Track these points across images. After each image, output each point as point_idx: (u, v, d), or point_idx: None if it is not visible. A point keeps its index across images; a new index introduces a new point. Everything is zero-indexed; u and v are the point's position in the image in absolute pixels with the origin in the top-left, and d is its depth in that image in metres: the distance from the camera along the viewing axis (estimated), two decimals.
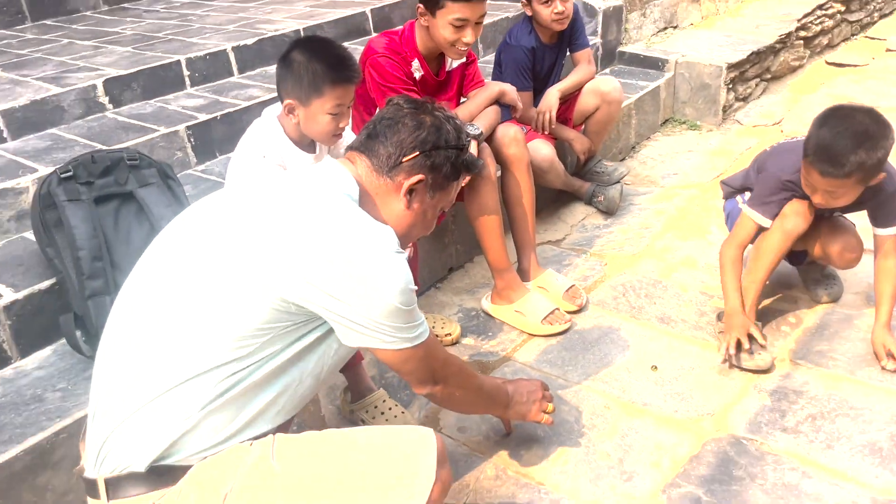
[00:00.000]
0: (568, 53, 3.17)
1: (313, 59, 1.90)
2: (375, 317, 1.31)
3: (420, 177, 1.46)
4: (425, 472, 1.31)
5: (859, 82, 4.49)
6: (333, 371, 1.53)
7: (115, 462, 1.31)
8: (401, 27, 2.51)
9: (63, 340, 2.10)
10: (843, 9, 5.22)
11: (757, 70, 4.30)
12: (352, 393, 2.12)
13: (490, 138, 2.52)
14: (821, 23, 4.96)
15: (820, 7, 4.96)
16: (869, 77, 4.57)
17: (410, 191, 1.47)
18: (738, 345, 2.18)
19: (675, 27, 4.69)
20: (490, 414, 1.87)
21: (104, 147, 2.53)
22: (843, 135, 1.90)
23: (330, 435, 1.41)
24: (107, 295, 2.00)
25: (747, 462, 1.88)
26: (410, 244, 1.94)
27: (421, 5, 2.36)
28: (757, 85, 4.38)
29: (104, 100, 2.92)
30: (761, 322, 2.39)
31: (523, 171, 2.57)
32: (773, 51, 4.41)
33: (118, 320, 1.39)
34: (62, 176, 2.07)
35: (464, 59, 2.58)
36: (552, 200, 3.33)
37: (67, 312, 2.02)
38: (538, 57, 3.03)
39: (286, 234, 1.31)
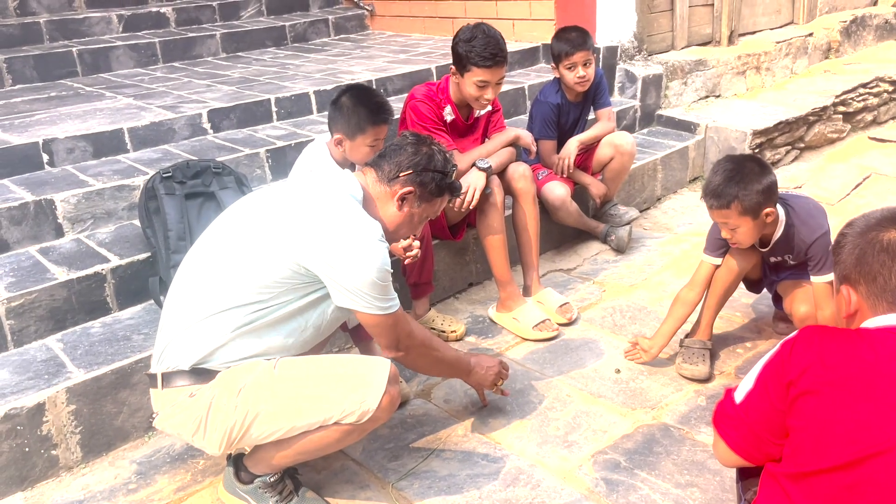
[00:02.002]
0: (592, 111, 3.65)
1: (359, 105, 2.49)
2: (358, 285, 1.81)
3: (411, 188, 1.97)
4: (378, 385, 1.80)
5: (890, 155, 4.73)
6: (330, 328, 2.04)
7: (170, 362, 1.86)
8: (440, 79, 3.08)
9: (151, 301, 2.71)
10: (891, 89, 5.45)
11: (787, 138, 4.62)
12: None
13: (503, 173, 3.02)
14: (864, 100, 5.21)
15: (863, 85, 5.22)
16: None
17: (403, 198, 1.98)
18: (682, 355, 2.63)
19: (718, 96, 5.07)
20: (453, 377, 2.32)
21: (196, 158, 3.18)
22: (720, 173, 2.30)
23: (317, 356, 1.93)
24: None
25: (668, 443, 2.25)
26: (420, 244, 2.47)
27: (453, 66, 2.92)
28: (788, 152, 4.68)
29: (206, 125, 3.61)
30: (721, 343, 2.75)
31: (529, 203, 3.05)
32: (805, 122, 4.72)
33: (186, 267, 1.95)
34: (163, 175, 2.71)
35: (490, 108, 3.11)
36: (573, 237, 3.77)
37: (155, 277, 2.63)
38: (563, 112, 3.52)
39: (304, 218, 1.84)
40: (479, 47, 2.80)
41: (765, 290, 2.83)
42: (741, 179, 2.28)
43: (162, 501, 2.14)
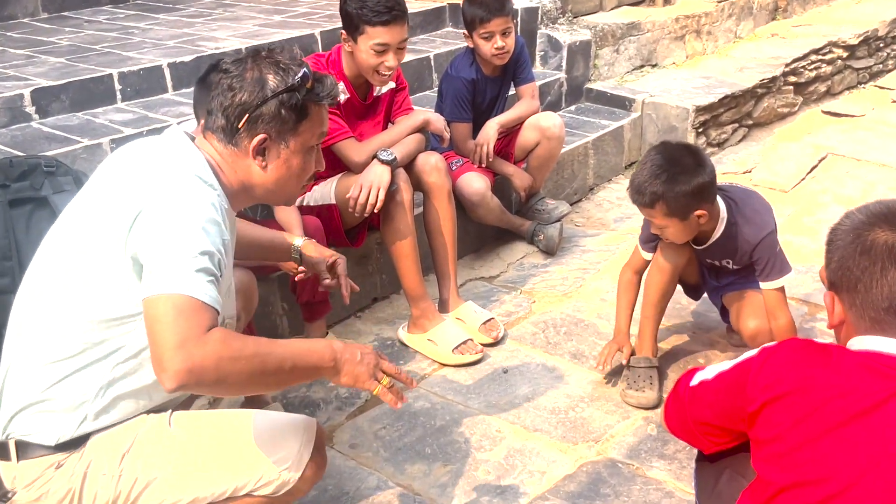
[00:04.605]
0: (513, 88, 3.75)
1: None
2: (178, 235, 1.59)
3: (261, 136, 1.77)
4: (303, 448, 1.78)
5: (848, 132, 5.07)
6: None
7: (25, 430, 1.75)
8: (331, 49, 3.09)
9: None
10: (845, 55, 5.84)
11: (734, 115, 4.89)
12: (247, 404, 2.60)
13: (411, 165, 3.06)
14: (816, 68, 5.58)
15: (815, 52, 5.58)
16: (860, 128, 5.15)
17: (259, 151, 1.79)
18: (626, 379, 2.75)
19: (655, 65, 5.30)
20: (310, 380, 2.02)
21: (21, 154, 3.05)
22: (646, 167, 2.44)
23: (224, 411, 1.89)
24: (12, 293, 2.47)
25: (617, 482, 2.36)
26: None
27: (344, 31, 2.94)
28: (735, 131, 4.96)
29: (30, 110, 3.47)
30: (670, 359, 2.90)
31: (444, 201, 3.10)
32: (753, 95, 5.00)
33: (22, 301, 1.84)
34: None
35: (393, 85, 3.14)
36: (495, 238, 3.86)
37: None
38: (479, 89, 3.59)
39: (142, 213, 1.65)
40: (371, 2, 2.83)
41: (709, 298, 2.99)
42: (669, 177, 2.39)
43: None
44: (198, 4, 5.40)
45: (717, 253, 2.66)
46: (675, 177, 2.38)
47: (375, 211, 2.88)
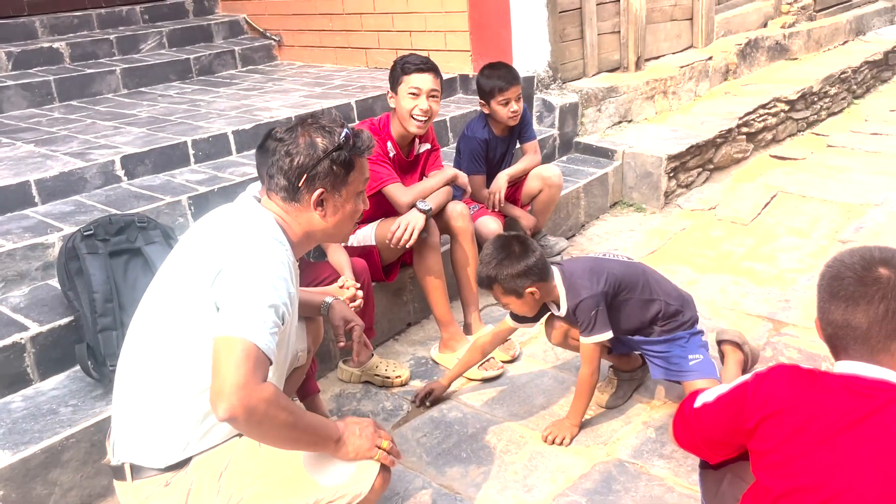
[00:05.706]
0: (518, 144, 3.76)
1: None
2: (252, 285, 1.61)
3: (319, 191, 1.79)
4: (373, 464, 1.76)
5: (792, 174, 5.06)
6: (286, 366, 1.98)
7: (138, 456, 1.73)
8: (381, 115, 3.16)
9: (76, 368, 2.58)
10: (787, 108, 5.85)
11: (698, 161, 4.88)
12: None
13: (441, 212, 3.07)
14: (763, 120, 5.58)
15: (762, 106, 5.58)
16: (802, 170, 5.14)
17: (319, 203, 1.81)
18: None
19: (630, 121, 5.31)
20: (318, 451, 1.77)
21: (118, 212, 3.06)
22: (483, 258, 2.48)
23: None
24: (114, 330, 2.49)
25: (625, 479, 2.33)
26: (366, 288, 2.45)
27: (390, 91, 3.03)
28: (699, 174, 4.95)
29: (120, 172, 3.48)
30: None
31: (468, 241, 3.11)
32: (713, 144, 5.00)
33: (132, 341, 1.81)
34: (84, 233, 2.60)
35: (429, 146, 3.18)
36: None
37: (81, 343, 2.50)
38: (491, 147, 3.60)
39: (223, 271, 1.66)
40: (411, 59, 2.99)
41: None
42: (498, 263, 2.43)
43: None
44: (251, 80, 5.43)
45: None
46: (503, 262, 2.42)
47: (408, 247, 2.89)
